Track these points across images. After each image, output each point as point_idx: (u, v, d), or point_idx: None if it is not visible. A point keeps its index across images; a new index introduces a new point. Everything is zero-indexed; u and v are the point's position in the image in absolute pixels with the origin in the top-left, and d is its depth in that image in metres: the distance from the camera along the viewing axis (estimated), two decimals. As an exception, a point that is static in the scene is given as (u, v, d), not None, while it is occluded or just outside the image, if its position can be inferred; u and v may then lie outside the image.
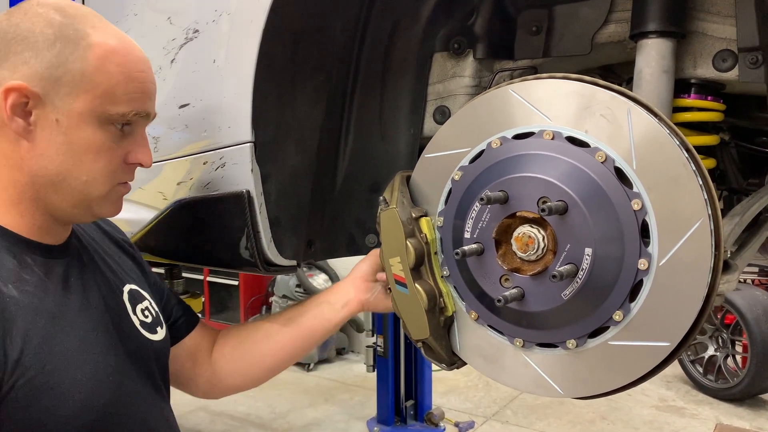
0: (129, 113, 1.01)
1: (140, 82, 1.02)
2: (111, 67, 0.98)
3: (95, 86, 0.98)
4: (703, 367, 4.97)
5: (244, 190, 1.26)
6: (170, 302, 1.35)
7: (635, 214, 0.96)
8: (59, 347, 0.96)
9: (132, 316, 1.15)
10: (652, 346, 0.98)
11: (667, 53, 1.15)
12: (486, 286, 1.10)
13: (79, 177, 1.00)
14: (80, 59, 0.96)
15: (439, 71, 1.41)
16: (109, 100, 0.99)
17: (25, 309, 0.94)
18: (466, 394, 5.02)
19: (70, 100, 0.97)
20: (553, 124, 1.04)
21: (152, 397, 1.14)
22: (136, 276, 1.24)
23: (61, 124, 0.97)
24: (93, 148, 1.00)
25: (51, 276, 1.02)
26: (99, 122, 0.99)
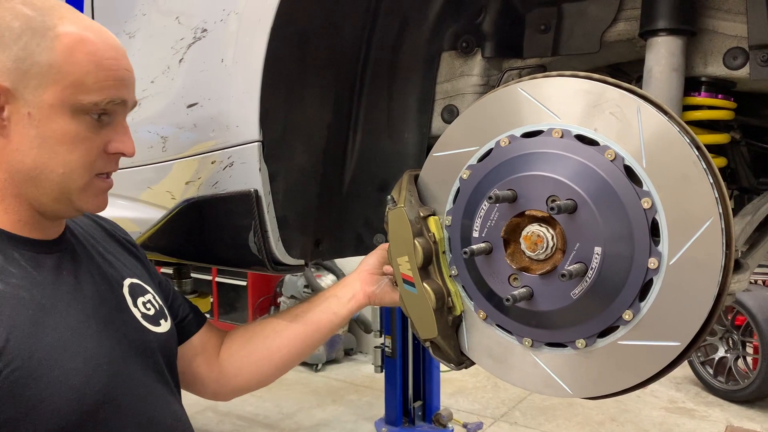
0: (102, 101, 0.99)
1: (112, 69, 1.00)
2: (80, 56, 0.96)
3: (64, 76, 0.96)
4: (714, 369, 4.94)
5: (251, 189, 1.26)
6: (177, 301, 1.34)
7: (645, 212, 0.95)
8: (48, 338, 0.96)
9: (132, 308, 1.15)
10: (662, 345, 0.97)
11: (677, 51, 1.14)
12: (494, 285, 1.10)
13: (55, 169, 0.99)
14: (47, 50, 0.95)
15: (447, 70, 1.40)
16: (80, 90, 0.97)
17: (9, 300, 0.94)
18: (474, 394, 5.00)
19: (40, 92, 0.96)
20: (562, 122, 1.03)
21: (157, 389, 1.13)
22: (138, 272, 1.24)
23: (33, 117, 0.96)
24: (67, 139, 0.98)
25: (40, 269, 1.02)
26: (72, 113, 0.98)
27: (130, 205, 1.52)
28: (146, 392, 1.10)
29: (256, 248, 1.29)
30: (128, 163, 1.48)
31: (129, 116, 1.43)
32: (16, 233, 1.02)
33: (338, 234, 1.48)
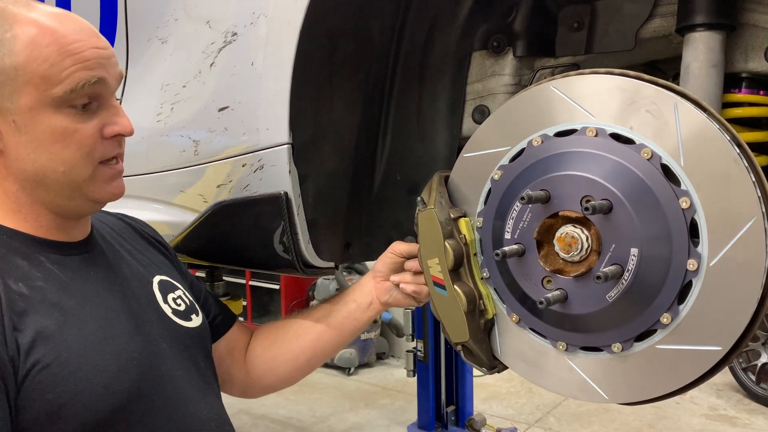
0: (77, 87, 0.96)
1: (77, 52, 0.96)
2: (40, 50, 0.94)
3: (32, 75, 0.94)
4: (756, 375, 4.79)
5: (282, 191, 1.26)
6: (208, 301, 1.35)
7: (683, 212, 0.92)
8: (75, 336, 0.96)
9: (162, 304, 1.16)
10: (703, 350, 0.94)
11: (716, 47, 1.10)
12: (527, 288, 1.07)
13: (56, 169, 0.99)
14: (8, 54, 0.93)
15: (478, 70, 1.39)
16: (50, 84, 0.95)
17: (35, 303, 0.95)
18: (508, 400, 4.95)
19: (16, 98, 0.95)
20: (596, 120, 1.01)
21: (192, 382, 1.13)
22: (167, 269, 1.25)
23: (18, 124, 0.96)
24: (57, 137, 0.97)
25: (66, 270, 1.02)
26: (53, 108, 0.96)
27: (164, 208, 1.54)
28: (180, 386, 1.10)
29: (286, 250, 1.30)
30: (162, 168, 1.50)
31: (162, 121, 1.47)
32: (40, 236, 1.03)
33: (368, 236, 1.47)
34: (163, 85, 1.47)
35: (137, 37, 1.55)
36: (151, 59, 1.52)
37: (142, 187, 1.51)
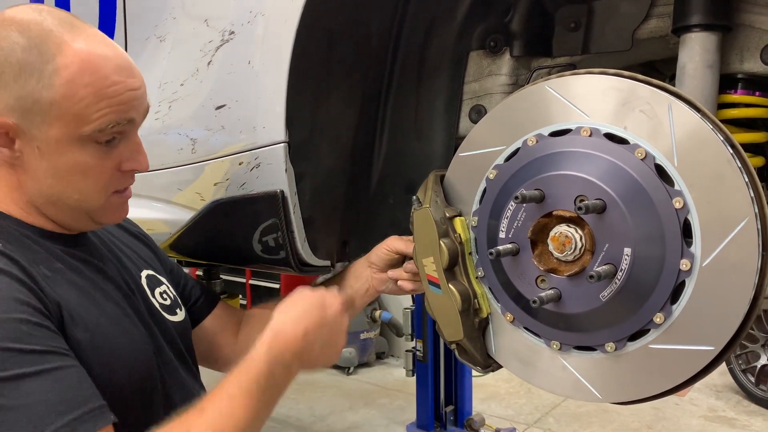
0: (106, 128, 0.97)
1: (114, 95, 0.97)
2: (79, 89, 0.94)
3: (65, 112, 0.94)
4: (756, 377, 4.78)
5: (278, 190, 1.27)
6: (188, 285, 1.37)
7: (677, 212, 0.93)
8: (98, 314, 1.00)
9: (151, 299, 1.19)
10: (696, 350, 0.94)
11: (712, 47, 1.11)
12: (521, 287, 1.08)
13: (71, 196, 1.01)
14: (47, 87, 0.93)
15: (475, 70, 1.39)
16: (81, 122, 0.96)
17: (60, 282, 0.97)
18: (507, 400, 4.95)
19: (45, 128, 0.95)
20: (590, 120, 1.01)
21: (184, 372, 1.17)
22: (152, 262, 1.28)
23: (42, 151, 0.97)
24: (78, 170, 0.99)
25: (75, 260, 1.05)
26: (79, 144, 0.97)
27: (161, 206, 1.54)
28: (177, 374, 1.14)
29: (282, 249, 1.30)
30: (159, 166, 1.50)
31: (160, 119, 1.47)
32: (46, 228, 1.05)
33: (365, 235, 1.48)
34: (161, 84, 1.47)
35: (135, 35, 1.55)
36: (150, 58, 1.52)
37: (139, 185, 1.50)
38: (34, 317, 0.88)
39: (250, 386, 0.95)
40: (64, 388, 0.86)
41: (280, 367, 0.99)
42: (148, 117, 1.47)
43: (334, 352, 1.08)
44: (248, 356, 0.99)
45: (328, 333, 1.06)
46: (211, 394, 0.95)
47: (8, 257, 0.92)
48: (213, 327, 1.37)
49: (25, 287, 0.90)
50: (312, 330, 1.02)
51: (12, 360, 0.83)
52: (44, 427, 0.82)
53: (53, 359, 0.87)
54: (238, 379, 0.96)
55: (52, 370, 0.86)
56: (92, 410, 0.87)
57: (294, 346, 1.00)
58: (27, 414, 0.82)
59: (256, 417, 0.95)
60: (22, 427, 0.81)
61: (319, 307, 1.05)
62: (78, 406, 0.85)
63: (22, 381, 0.83)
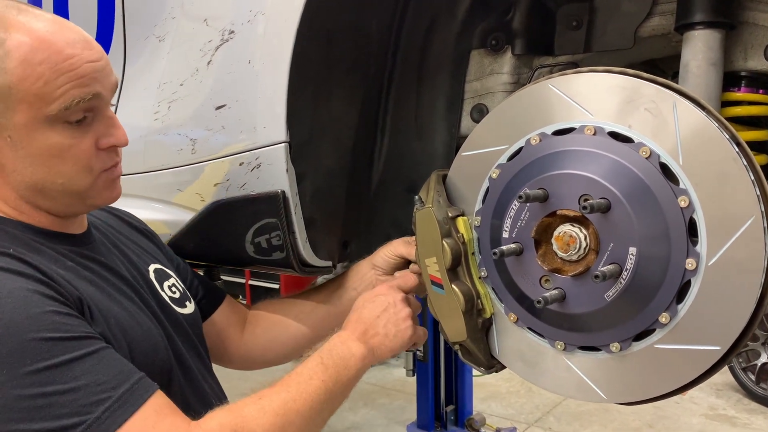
0: (71, 104, 0.94)
1: (71, 69, 0.94)
2: (33, 68, 0.92)
3: (25, 94, 0.92)
4: (756, 375, 4.79)
5: (279, 190, 1.26)
6: (194, 283, 1.38)
7: (682, 211, 0.92)
8: (114, 309, 1.01)
9: (161, 292, 1.19)
10: (701, 350, 0.93)
11: (715, 45, 1.10)
12: (525, 287, 1.07)
13: (55, 181, 0.99)
14: (2, 72, 0.92)
15: (477, 68, 1.38)
16: (44, 102, 0.93)
17: (75, 280, 0.98)
18: (507, 399, 4.94)
19: (10, 114, 0.94)
20: (594, 119, 1.00)
21: (196, 364, 1.18)
22: (159, 257, 1.28)
23: (14, 139, 0.95)
24: (54, 152, 0.97)
25: (83, 258, 1.05)
26: (47, 125, 0.95)
27: (161, 207, 1.53)
28: (190, 367, 1.15)
29: (284, 250, 1.29)
30: (158, 167, 1.49)
31: (159, 120, 1.46)
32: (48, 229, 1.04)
33: (366, 235, 1.47)
34: (161, 84, 1.46)
35: (134, 35, 1.54)
36: (149, 57, 1.51)
37: (139, 185, 1.50)
38: (62, 308, 0.90)
39: (314, 366, 1.03)
40: (108, 366, 0.89)
41: (337, 344, 1.08)
42: (148, 117, 1.47)
43: (400, 335, 1.14)
44: None
45: (388, 314, 1.14)
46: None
47: (23, 261, 0.93)
48: (219, 323, 1.38)
49: (46, 285, 0.91)
50: (369, 310, 1.13)
51: (56, 348, 0.86)
52: (103, 402, 0.86)
53: (91, 342, 0.90)
54: (303, 364, 1.04)
55: (93, 352, 0.89)
56: (140, 380, 0.91)
57: (356, 331, 1.11)
58: (83, 394, 0.85)
59: (325, 393, 1.01)
60: (81, 406, 0.85)
61: (380, 300, 1.15)
62: (126, 379, 0.90)
63: (71, 365, 0.86)
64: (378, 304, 1.14)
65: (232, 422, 0.92)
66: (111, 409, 0.86)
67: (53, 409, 0.83)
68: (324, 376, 1.02)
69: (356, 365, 1.07)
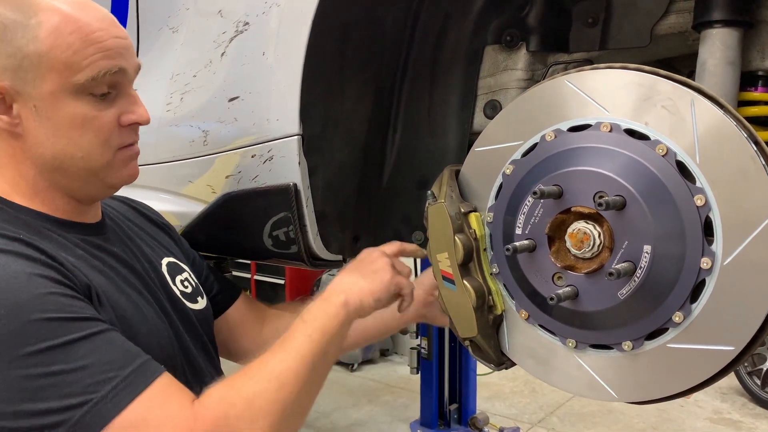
0: (98, 76, 0.98)
1: (99, 41, 0.98)
2: (65, 37, 0.95)
3: (55, 62, 0.95)
4: (761, 380, 4.77)
5: (291, 183, 1.26)
6: (209, 277, 1.37)
7: (698, 210, 0.91)
8: (122, 301, 1.00)
9: (172, 286, 1.18)
10: (715, 350, 0.93)
11: (733, 44, 1.09)
12: (537, 284, 1.06)
13: (75, 155, 1.00)
14: (33, 40, 0.94)
15: (491, 65, 1.37)
16: (72, 71, 0.96)
17: (84, 268, 0.97)
18: (511, 399, 4.94)
19: (38, 83, 0.96)
20: (611, 115, 1.00)
21: (203, 361, 1.17)
22: (174, 250, 1.28)
23: (39, 109, 0.97)
24: (76, 123, 0.99)
25: (94, 248, 1.05)
26: (73, 95, 0.98)
27: (172, 198, 1.54)
28: (196, 363, 1.14)
29: (295, 243, 1.29)
30: (171, 158, 1.49)
31: (171, 111, 1.46)
32: (60, 217, 1.04)
33: (376, 230, 1.46)
34: (174, 75, 1.46)
35: (148, 26, 1.55)
36: (162, 48, 1.51)
37: (150, 177, 1.50)
38: (68, 291, 0.90)
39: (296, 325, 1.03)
40: (114, 346, 0.89)
41: (315, 302, 1.06)
42: (160, 108, 1.47)
43: (378, 276, 1.13)
44: None
45: (363, 264, 1.15)
46: None
47: (33, 246, 0.93)
48: (233, 319, 1.37)
49: (53, 270, 0.91)
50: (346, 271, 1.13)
51: (61, 328, 0.86)
52: (109, 381, 0.85)
53: (96, 324, 0.90)
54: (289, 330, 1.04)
55: (98, 332, 0.89)
56: (146, 362, 0.91)
57: (334, 286, 1.11)
58: (89, 373, 0.85)
59: (312, 345, 1.00)
60: (87, 386, 0.84)
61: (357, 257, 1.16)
62: (134, 360, 0.89)
63: (75, 345, 0.86)
64: (354, 263, 1.15)
65: (230, 395, 0.93)
66: (118, 388, 0.86)
67: (58, 389, 0.83)
68: (308, 331, 1.01)
69: (338, 313, 1.05)
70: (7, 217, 0.98)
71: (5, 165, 1.02)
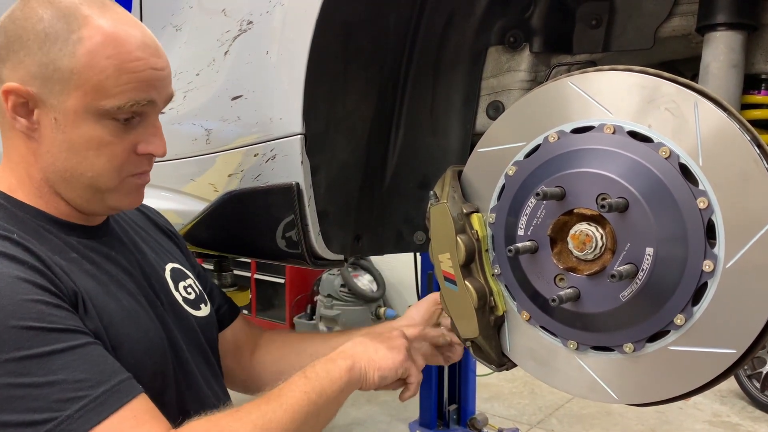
0: (125, 105, 0.97)
1: (136, 71, 0.96)
2: (100, 60, 0.94)
3: (85, 82, 0.94)
4: (761, 383, 4.77)
5: (293, 182, 1.26)
6: (213, 292, 1.36)
7: (701, 213, 0.91)
8: (113, 306, 0.99)
9: (174, 292, 1.17)
10: (716, 353, 0.93)
11: (737, 47, 1.09)
12: (539, 285, 1.06)
13: (84, 173, 1.00)
14: (69, 55, 0.93)
15: (494, 65, 1.37)
16: (100, 95, 0.95)
17: (75, 272, 0.97)
18: (510, 400, 4.93)
19: (63, 98, 0.95)
20: (614, 117, 1.00)
21: (201, 369, 1.16)
22: (179, 257, 1.27)
23: (59, 122, 0.96)
24: (93, 145, 0.98)
25: (91, 252, 1.04)
26: (95, 118, 0.96)
27: (174, 197, 1.54)
28: (192, 370, 1.12)
29: (296, 242, 1.29)
30: (173, 156, 1.49)
31: (174, 109, 1.46)
32: (63, 219, 1.04)
33: (378, 230, 1.46)
34: (177, 73, 1.46)
35: (152, 24, 1.53)
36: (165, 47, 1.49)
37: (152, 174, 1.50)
38: (52, 299, 0.88)
39: (297, 378, 1.01)
40: (91, 363, 0.86)
41: (322, 360, 1.05)
42: (163, 106, 1.47)
43: (391, 355, 1.10)
44: None
45: (381, 340, 1.12)
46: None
47: (23, 247, 0.92)
48: (229, 338, 1.36)
49: (40, 274, 0.89)
50: (361, 339, 1.10)
51: (37, 338, 0.83)
52: (78, 400, 0.83)
53: (76, 337, 0.87)
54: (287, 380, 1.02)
55: (76, 346, 0.86)
56: (123, 381, 0.88)
57: (345, 351, 1.08)
58: (59, 389, 0.82)
59: (308, 404, 0.99)
60: (54, 402, 0.82)
61: (376, 329, 1.15)
62: (108, 379, 0.87)
63: (50, 357, 0.83)
64: (372, 333, 1.13)
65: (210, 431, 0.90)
66: (86, 408, 0.83)
67: (25, 402, 0.80)
68: (306, 388, 0.99)
69: (341, 377, 1.04)
70: (4, 214, 0.98)
71: (17, 163, 1.01)
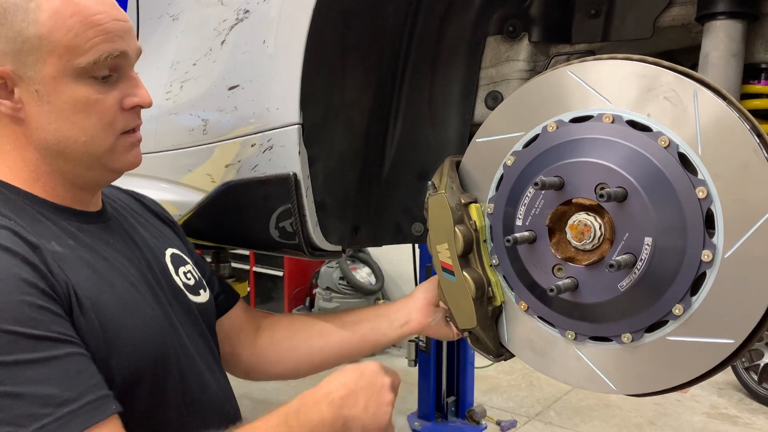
0: (100, 59, 0.97)
1: (100, 24, 0.97)
2: (65, 20, 0.94)
3: (56, 45, 0.94)
4: (759, 375, 4.78)
5: (291, 172, 1.25)
6: (211, 280, 1.36)
7: (700, 202, 0.91)
8: (109, 295, 0.98)
9: (175, 277, 1.17)
10: (715, 343, 0.92)
11: (737, 36, 1.08)
12: (537, 275, 1.06)
13: (78, 139, 1.00)
14: (33, 23, 0.94)
15: (493, 55, 1.37)
16: (74, 54, 0.95)
17: (71, 260, 0.96)
18: (508, 392, 4.94)
19: (39, 67, 0.95)
20: (613, 107, 0.99)
21: (203, 354, 1.15)
22: (177, 244, 1.26)
23: (41, 93, 0.96)
24: (79, 107, 0.98)
25: (90, 237, 1.03)
26: (75, 79, 0.97)
27: (171, 188, 1.53)
28: (193, 355, 1.12)
29: (294, 232, 1.28)
30: (170, 147, 1.49)
31: (171, 99, 1.46)
32: (60, 204, 1.03)
33: (376, 221, 1.46)
34: (173, 63, 1.45)
35: (148, 13, 1.54)
36: (162, 37, 1.50)
37: (150, 165, 1.49)
38: (40, 300, 0.86)
39: (277, 424, 0.96)
40: (64, 377, 0.84)
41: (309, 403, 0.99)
42: (160, 97, 1.46)
43: (378, 416, 1.03)
44: None
45: (373, 391, 1.04)
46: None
47: (18, 235, 0.90)
48: (230, 326, 1.36)
49: (32, 267, 0.88)
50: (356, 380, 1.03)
51: (13, 344, 0.81)
52: (40, 418, 0.80)
53: (56, 346, 0.85)
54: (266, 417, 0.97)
55: (52, 358, 0.84)
56: (94, 401, 0.85)
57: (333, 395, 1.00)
58: (23, 403, 0.80)
59: None
60: (15, 417, 0.79)
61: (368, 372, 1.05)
62: (77, 398, 0.84)
63: (23, 367, 0.81)
64: (367, 379, 1.06)
65: None
66: (45, 428, 0.79)
67: None
68: (291, 422, 0.96)
69: (323, 420, 0.99)
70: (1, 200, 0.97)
71: (8, 151, 1.01)
